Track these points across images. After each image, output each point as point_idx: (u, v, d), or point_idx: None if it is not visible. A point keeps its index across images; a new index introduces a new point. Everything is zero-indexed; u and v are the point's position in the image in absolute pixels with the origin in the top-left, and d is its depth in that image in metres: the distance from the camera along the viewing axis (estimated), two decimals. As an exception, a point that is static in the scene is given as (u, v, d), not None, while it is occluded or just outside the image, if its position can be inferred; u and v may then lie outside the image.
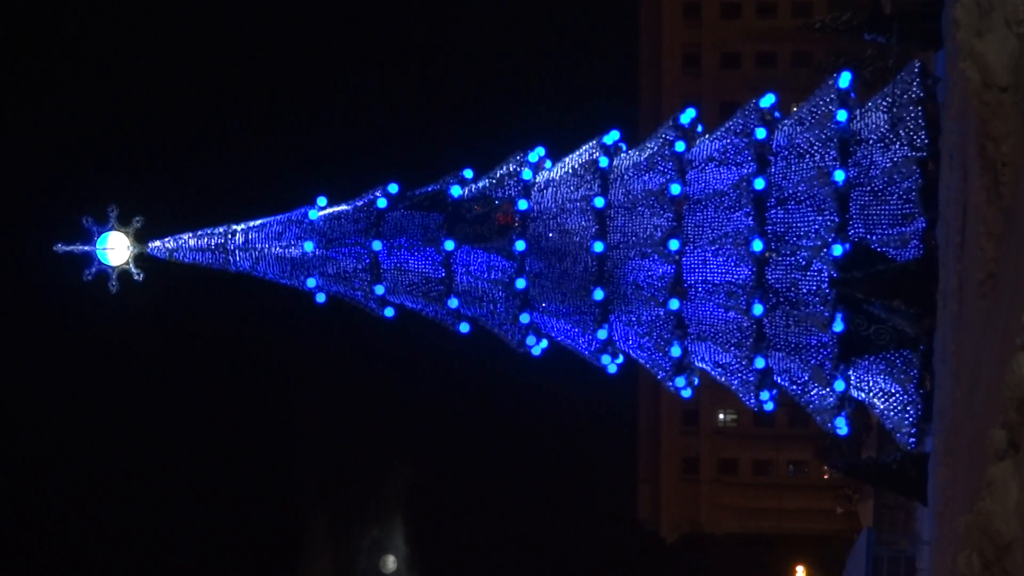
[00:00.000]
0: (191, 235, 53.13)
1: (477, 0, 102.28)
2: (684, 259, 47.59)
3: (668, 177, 48.25)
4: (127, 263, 52.80)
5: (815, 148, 46.92)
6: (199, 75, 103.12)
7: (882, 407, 47.81)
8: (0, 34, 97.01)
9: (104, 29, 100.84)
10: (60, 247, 52.76)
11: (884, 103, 47.35)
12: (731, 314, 47.37)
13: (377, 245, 50.96)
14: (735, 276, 47.14)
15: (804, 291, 46.46)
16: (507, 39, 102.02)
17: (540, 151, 51.77)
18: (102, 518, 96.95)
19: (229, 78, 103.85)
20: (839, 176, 45.94)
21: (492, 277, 49.92)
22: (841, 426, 49.16)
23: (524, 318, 50.21)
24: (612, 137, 51.07)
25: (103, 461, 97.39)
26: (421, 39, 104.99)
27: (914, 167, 45.31)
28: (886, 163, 45.98)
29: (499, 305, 50.37)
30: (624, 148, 51.40)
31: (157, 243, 53.12)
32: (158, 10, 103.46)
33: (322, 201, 52.49)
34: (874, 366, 46.74)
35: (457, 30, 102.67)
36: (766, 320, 47.20)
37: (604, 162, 49.68)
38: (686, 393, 51.26)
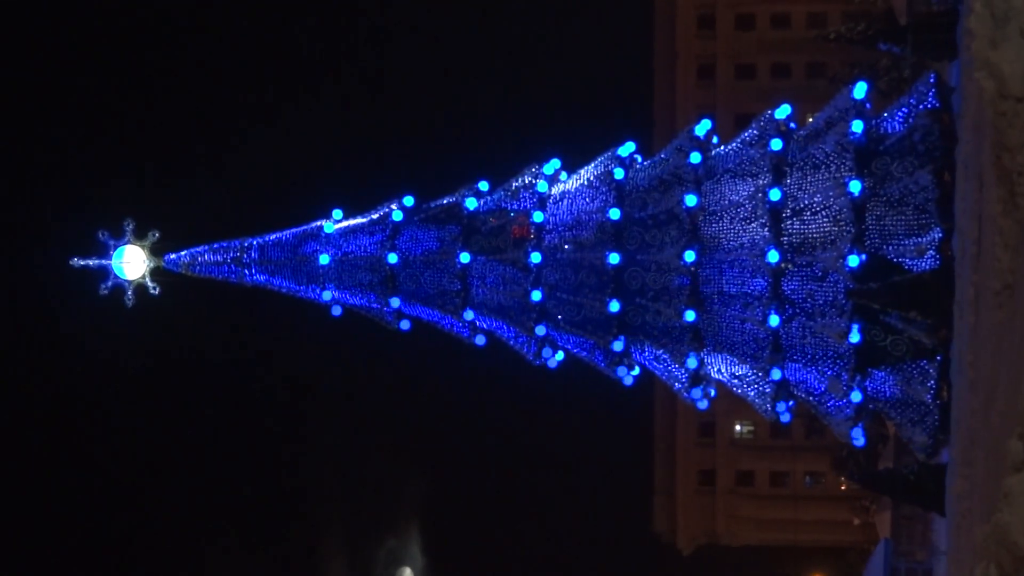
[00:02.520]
0: (207, 249, 53.21)
1: (492, 12, 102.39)
2: (700, 270, 47.55)
3: (684, 189, 48.23)
4: (143, 277, 52.88)
5: (831, 159, 46.83)
6: (215, 89, 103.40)
7: (899, 418, 47.69)
8: (17, 46, 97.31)
9: (120, 41, 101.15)
10: (76, 261, 52.84)
11: (899, 113, 47.28)
12: (747, 325, 47.30)
13: (393, 258, 50.98)
14: (751, 287, 47.09)
15: (820, 302, 46.35)
16: (522, 51, 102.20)
17: (555, 163, 51.75)
18: (117, 534, 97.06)
19: (245, 92, 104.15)
20: (855, 187, 45.84)
21: (508, 289, 49.91)
22: (858, 437, 49.02)
23: (540, 330, 50.16)
24: (627, 149, 51.02)
25: (117, 476, 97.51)
26: (436, 51, 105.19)
27: (930, 177, 45.22)
28: (902, 174, 45.91)
29: (515, 317, 50.36)
30: (639, 160, 51.36)
31: (173, 256, 53.21)
32: (174, 23, 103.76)
33: (337, 214, 52.57)
34: (891, 377, 46.61)
35: (472, 42, 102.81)
36: (782, 331, 47.10)
37: (619, 174, 49.64)
38: (702, 405, 51.17)
